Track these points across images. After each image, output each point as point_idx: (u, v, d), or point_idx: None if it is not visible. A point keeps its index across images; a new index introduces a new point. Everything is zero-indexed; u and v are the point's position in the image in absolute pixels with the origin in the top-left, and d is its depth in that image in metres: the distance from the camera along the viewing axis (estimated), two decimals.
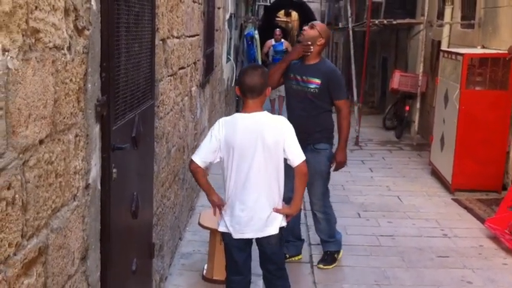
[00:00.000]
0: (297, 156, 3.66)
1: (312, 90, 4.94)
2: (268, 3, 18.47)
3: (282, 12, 34.62)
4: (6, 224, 1.78)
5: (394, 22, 11.60)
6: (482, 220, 6.47)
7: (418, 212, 6.85)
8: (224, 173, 3.72)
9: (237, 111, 13.76)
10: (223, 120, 3.72)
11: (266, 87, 3.71)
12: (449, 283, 4.93)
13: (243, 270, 3.83)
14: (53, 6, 2.10)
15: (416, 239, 5.93)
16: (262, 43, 13.96)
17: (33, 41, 1.94)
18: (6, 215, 1.78)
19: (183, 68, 5.36)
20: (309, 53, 4.95)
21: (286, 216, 3.77)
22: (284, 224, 3.76)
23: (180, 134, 5.31)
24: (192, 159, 3.69)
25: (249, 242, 3.81)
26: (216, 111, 9.02)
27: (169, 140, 4.75)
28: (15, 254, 1.84)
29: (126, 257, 3.24)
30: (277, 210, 3.69)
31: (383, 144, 11.07)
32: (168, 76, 4.61)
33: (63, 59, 2.21)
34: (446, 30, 10.22)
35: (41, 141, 2.03)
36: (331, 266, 5.16)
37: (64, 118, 2.25)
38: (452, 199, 7.37)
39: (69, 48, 2.28)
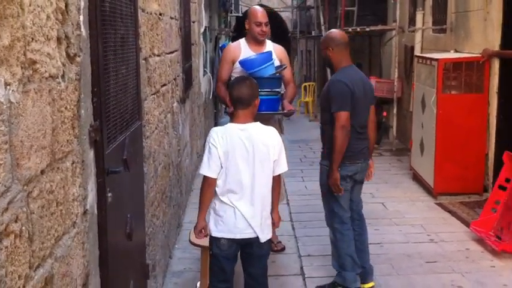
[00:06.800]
0: (282, 167, 3.82)
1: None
2: (240, 14, 18.44)
3: None
4: (16, 256, 1.78)
5: (367, 29, 11.71)
6: (466, 223, 6.53)
7: (403, 218, 6.90)
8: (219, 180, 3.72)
9: (216, 124, 13.87)
10: (218, 130, 3.73)
11: (254, 98, 3.77)
12: None
13: (230, 278, 3.88)
14: (47, 36, 2.11)
15: (404, 246, 5.98)
16: None
17: (31, 72, 1.95)
18: (15, 247, 1.77)
19: (164, 85, 5.36)
20: None
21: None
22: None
23: (165, 151, 5.30)
24: (206, 176, 3.68)
25: (237, 252, 3.84)
26: (196, 126, 9.01)
27: (156, 158, 4.75)
28: (24, 286, 1.84)
29: (124, 279, 3.23)
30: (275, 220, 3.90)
31: None
32: (152, 94, 4.62)
33: (58, 87, 2.22)
34: (418, 35, 10.34)
35: (42, 172, 2.03)
36: None
37: (61, 146, 2.25)
38: (435, 203, 7.44)
39: (63, 76, 2.28)
